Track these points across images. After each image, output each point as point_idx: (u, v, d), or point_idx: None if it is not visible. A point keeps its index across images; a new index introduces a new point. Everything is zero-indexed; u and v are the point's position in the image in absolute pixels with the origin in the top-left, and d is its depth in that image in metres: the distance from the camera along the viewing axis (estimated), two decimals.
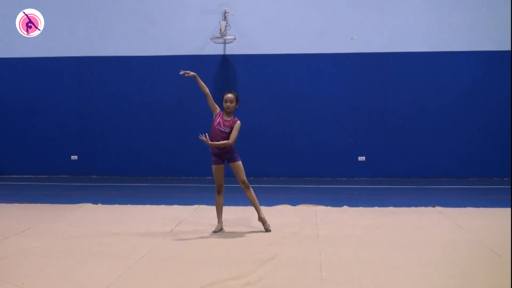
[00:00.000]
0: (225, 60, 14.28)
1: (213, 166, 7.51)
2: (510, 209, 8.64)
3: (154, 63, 14.36)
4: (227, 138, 7.31)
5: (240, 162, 7.48)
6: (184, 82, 14.23)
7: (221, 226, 7.65)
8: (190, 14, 14.23)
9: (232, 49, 14.17)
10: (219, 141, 7.28)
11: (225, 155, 7.43)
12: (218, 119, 7.39)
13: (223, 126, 7.35)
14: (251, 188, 7.56)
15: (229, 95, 7.43)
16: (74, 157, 14.60)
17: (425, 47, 13.83)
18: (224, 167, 7.54)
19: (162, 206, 9.61)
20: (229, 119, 7.41)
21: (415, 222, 8.24)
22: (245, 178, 7.49)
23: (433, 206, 9.44)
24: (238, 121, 7.41)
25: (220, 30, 13.71)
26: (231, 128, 7.35)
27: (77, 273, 5.63)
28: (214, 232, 7.54)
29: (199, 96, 14.08)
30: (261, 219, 7.61)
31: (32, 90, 14.60)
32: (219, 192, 7.60)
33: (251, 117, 13.38)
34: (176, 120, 14.35)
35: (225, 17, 13.87)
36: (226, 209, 8.02)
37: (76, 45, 14.42)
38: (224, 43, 14.10)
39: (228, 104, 7.38)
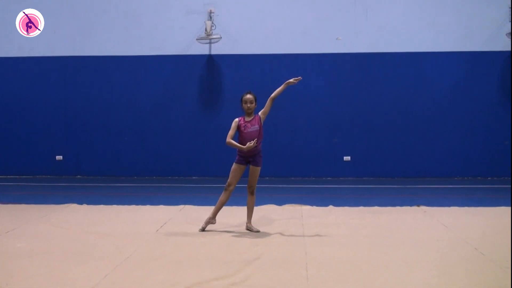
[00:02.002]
0: (210, 60, 14.25)
1: (235, 165, 7.50)
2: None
3: (139, 63, 14.30)
4: (261, 135, 7.39)
5: (259, 169, 7.50)
6: (169, 82, 14.27)
7: (210, 221, 7.58)
8: (175, 14, 14.19)
9: (218, 49, 14.15)
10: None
11: (251, 158, 7.43)
12: (243, 125, 7.40)
13: (252, 126, 7.38)
14: (255, 196, 7.60)
15: (249, 96, 7.49)
16: (59, 157, 14.50)
17: (409, 47, 13.89)
18: (244, 169, 7.54)
19: (148, 207, 9.58)
20: (251, 118, 7.45)
21: (400, 221, 8.29)
22: (255, 184, 7.53)
23: (418, 206, 9.50)
24: (259, 113, 7.48)
25: (206, 30, 13.69)
26: (260, 124, 7.41)
27: (62, 274, 5.60)
28: (203, 228, 7.55)
29: (183, 96, 14.23)
30: (248, 228, 7.62)
31: (16, 90, 14.47)
32: (226, 190, 7.52)
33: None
34: (161, 120, 14.29)
35: (210, 17, 13.85)
36: (211, 210, 8.01)
37: (60, 44, 14.31)
38: (210, 43, 14.08)
39: (248, 105, 7.43)
